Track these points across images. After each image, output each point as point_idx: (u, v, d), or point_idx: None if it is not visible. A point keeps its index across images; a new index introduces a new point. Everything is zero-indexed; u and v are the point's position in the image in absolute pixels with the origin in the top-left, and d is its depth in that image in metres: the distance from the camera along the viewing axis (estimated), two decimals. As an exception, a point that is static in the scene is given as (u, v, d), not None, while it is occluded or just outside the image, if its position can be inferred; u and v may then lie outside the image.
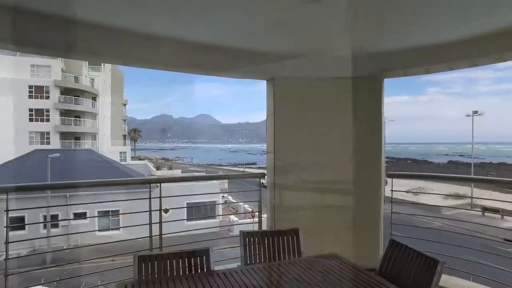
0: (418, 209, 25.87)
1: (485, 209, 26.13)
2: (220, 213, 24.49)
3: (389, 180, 4.22)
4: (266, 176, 4.10)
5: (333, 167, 3.95)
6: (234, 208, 27.13)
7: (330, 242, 3.60)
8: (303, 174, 3.94)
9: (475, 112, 35.27)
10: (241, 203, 25.94)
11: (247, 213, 20.37)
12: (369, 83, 3.88)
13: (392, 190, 4.15)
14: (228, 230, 18.35)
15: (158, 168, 39.34)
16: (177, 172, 36.34)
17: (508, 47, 2.96)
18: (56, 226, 18.73)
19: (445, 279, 3.61)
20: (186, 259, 2.56)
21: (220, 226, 20.61)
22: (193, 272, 2.52)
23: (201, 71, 3.69)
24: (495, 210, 24.99)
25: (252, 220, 13.31)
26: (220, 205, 24.39)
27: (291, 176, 3.94)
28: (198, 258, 2.59)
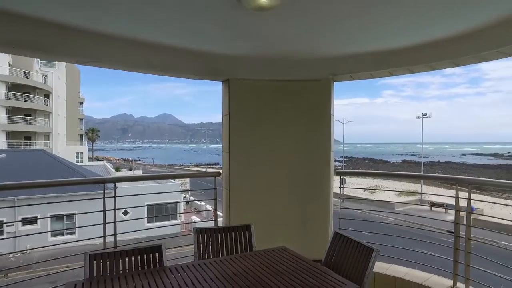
0: (373, 205, 27.12)
1: (432, 204, 28.08)
2: (182, 213, 24.21)
3: (338, 177, 4.50)
4: (221, 175, 4.20)
5: (286, 165, 4.14)
6: (196, 209, 26.94)
7: (282, 237, 3.78)
8: (257, 173, 4.09)
9: (424, 114, 37.70)
10: (203, 203, 25.84)
11: (207, 211, 20.33)
12: (319, 85, 4.10)
13: (341, 187, 4.42)
14: (189, 231, 18.21)
15: (117, 169, 38.04)
16: (138, 173, 35.38)
17: (439, 56, 3.29)
18: (1, 233, 17.53)
19: (385, 266, 3.93)
20: (139, 256, 2.61)
21: (180, 224, 20.39)
22: (146, 268, 2.57)
23: (155, 71, 3.72)
24: (440, 205, 26.90)
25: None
26: (182, 204, 24.11)
27: (246, 175, 4.07)
28: (151, 254, 2.64)
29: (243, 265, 2.58)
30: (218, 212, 4.26)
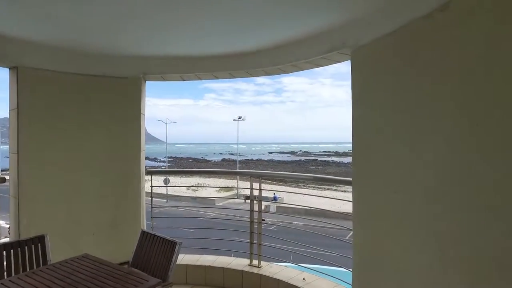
0: (196, 202, 28.28)
1: (246, 197, 31.66)
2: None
3: (157, 177, 4.49)
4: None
5: (93, 167, 3.83)
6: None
7: (88, 244, 3.48)
8: (56, 177, 3.62)
9: (240, 117, 42.27)
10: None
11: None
12: (130, 83, 3.98)
13: (152, 186, 4.43)
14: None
15: None
16: None
17: (237, 66, 3.75)
18: None
19: (196, 258, 4.20)
20: None
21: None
22: None
23: None
24: (251, 200, 30.55)
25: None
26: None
27: (41, 180, 3.54)
28: None
29: (31, 283, 2.24)
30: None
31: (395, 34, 2.26)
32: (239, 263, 4.06)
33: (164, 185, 28.60)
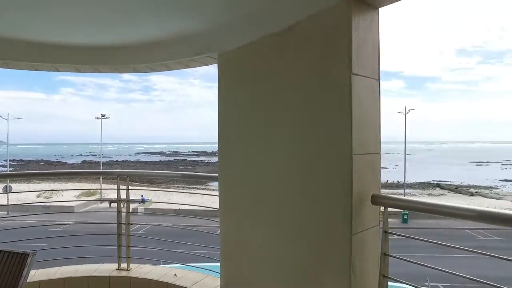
0: (50, 211, 24.61)
1: (112, 200, 29.34)
2: None
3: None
4: None
5: None
6: None
7: None
8: None
9: (103, 115, 38.70)
10: None
11: None
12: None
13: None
14: None
15: None
16: None
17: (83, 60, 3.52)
18: None
19: (53, 271, 3.77)
20: None
21: None
22: None
23: None
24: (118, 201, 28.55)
25: None
26: None
27: None
28: None
29: None
30: None
31: (255, 44, 2.57)
32: (106, 268, 3.83)
33: (4, 193, 23.88)
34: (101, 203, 31.88)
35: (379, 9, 2.10)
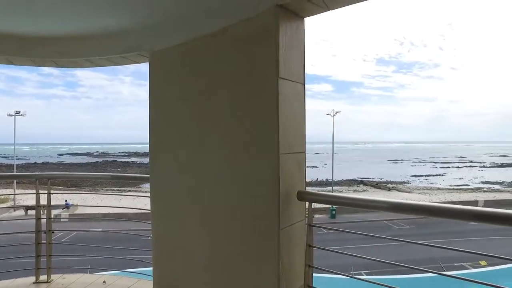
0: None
1: (28, 207, 26.52)
2: None
3: None
4: None
5: None
6: None
7: None
8: None
9: (18, 112, 34.70)
10: None
11: None
12: None
13: None
14: None
15: None
16: None
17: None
18: None
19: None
20: None
21: None
22: None
23: None
24: (32, 207, 25.99)
25: None
26: None
27: None
28: None
29: None
30: None
31: (186, 45, 2.57)
32: (22, 282, 3.49)
33: None
34: (14, 210, 28.62)
35: (305, 18, 2.26)
